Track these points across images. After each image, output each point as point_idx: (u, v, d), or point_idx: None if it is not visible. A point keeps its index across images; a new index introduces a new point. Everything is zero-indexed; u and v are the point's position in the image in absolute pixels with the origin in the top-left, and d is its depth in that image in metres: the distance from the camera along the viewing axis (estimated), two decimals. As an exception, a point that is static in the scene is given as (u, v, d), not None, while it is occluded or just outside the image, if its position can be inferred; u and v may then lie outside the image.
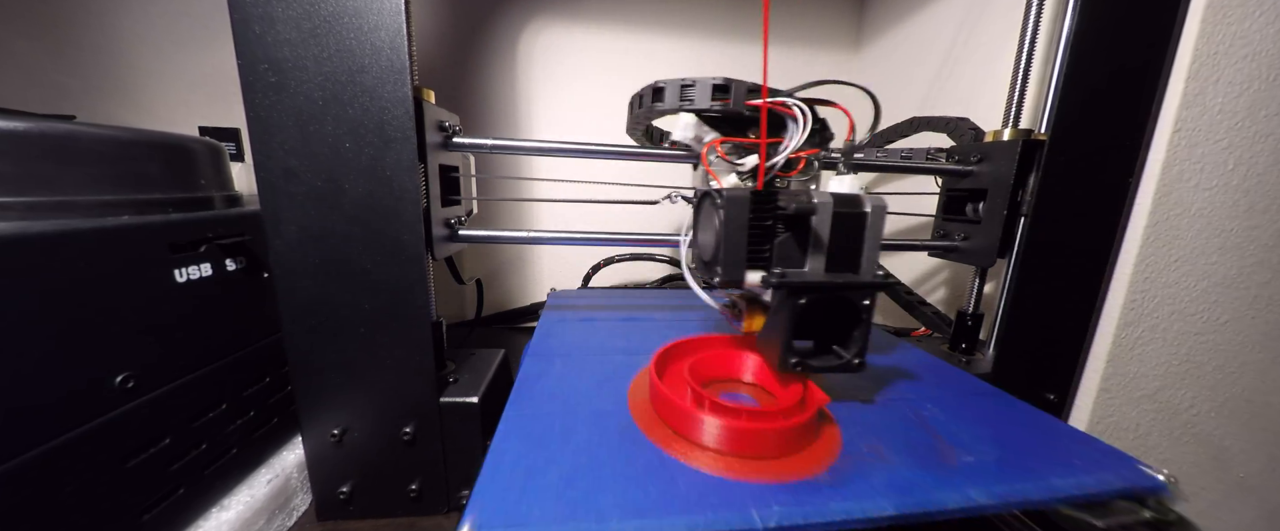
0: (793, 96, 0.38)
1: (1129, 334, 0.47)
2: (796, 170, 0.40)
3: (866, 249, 0.35)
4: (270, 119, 0.39)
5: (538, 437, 0.32)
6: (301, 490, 0.53)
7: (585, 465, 0.29)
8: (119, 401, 0.38)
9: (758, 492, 0.27)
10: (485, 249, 1.04)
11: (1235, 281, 0.48)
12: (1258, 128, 0.44)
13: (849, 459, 0.31)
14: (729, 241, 0.33)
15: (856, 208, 0.34)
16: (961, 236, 0.62)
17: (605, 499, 0.26)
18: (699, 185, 0.43)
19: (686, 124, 0.40)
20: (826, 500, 0.27)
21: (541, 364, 0.44)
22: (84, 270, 0.35)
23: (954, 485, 0.28)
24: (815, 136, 0.39)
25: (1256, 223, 0.47)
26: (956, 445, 0.33)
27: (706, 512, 0.25)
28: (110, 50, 0.83)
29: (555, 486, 0.27)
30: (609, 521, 0.25)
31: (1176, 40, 0.42)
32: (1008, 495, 0.28)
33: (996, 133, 0.57)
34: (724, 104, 0.38)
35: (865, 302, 0.34)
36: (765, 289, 0.35)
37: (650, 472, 0.29)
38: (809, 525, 0.25)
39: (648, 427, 0.34)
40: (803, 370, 0.34)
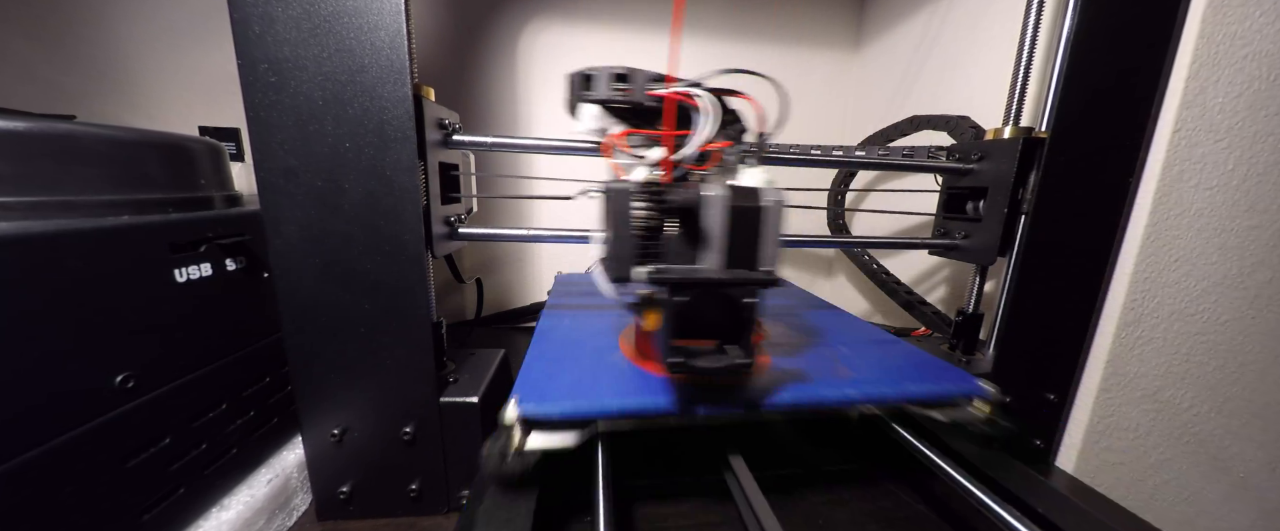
0: (699, 86, 0.37)
1: (1129, 333, 0.47)
2: (710, 164, 0.39)
3: (764, 244, 0.34)
4: (270, 118, 0.39)
5: (554, 359, 0.44)
6: (301, 490, 0.53)
7: (588, 374, 0.41)
8: (119, 401, 0.38)
9: (702, 392, 0.38)
10: (485, 247, 1.04)
11: (1236, 281, 0.48)
12: (1258, 127, 0.44)
13: (772, 375, 0.42)
14: (614, 235, 0.33)
15: (753, 201, 0.33)
16: (962, 235, 0.62)
17: (601, 389, 0.39)
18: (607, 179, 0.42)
19: (589, 115, 0.39)
20: (747, 395, 0.38)
21: (554, 321, 0.56)
22: (84, 270, 0.35)
23: (836, 388, 0.40)
24: (728, 128, 0.39)
25: (1257, 222, 0.47)
26: (850, 368, 0.45)
27: (668, 400, 0.37)
28: (110, 50, 0.83)
29: (567, 384, 0.39)
30: (603, 398, 0.37)
31: (1177, 40, 0.42)
32: (871, 393, 0.40)
33: (997, 131, 0.57)
34: (625, 94, 0.37)
35: (747, 300, 0.32)
36: (648, 285, 0.34)
37: (631, 377, 0.41)
38: (732, 409, 0.38)
39: (633, 358, 0.45)
40: (685, 372, 0.32)
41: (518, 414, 0.35)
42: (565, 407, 0.36)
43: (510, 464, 0.35)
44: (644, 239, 0.33)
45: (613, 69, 0.38)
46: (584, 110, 0.40)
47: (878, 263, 0.91)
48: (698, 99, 0.36)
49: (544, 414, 0.36)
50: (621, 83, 0.37)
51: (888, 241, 0.71)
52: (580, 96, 0.40)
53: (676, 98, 0.36)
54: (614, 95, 0.38)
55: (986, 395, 0.42)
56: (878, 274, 0.89)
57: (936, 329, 0.73)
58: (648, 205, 0.32)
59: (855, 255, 0.95)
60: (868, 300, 1.04)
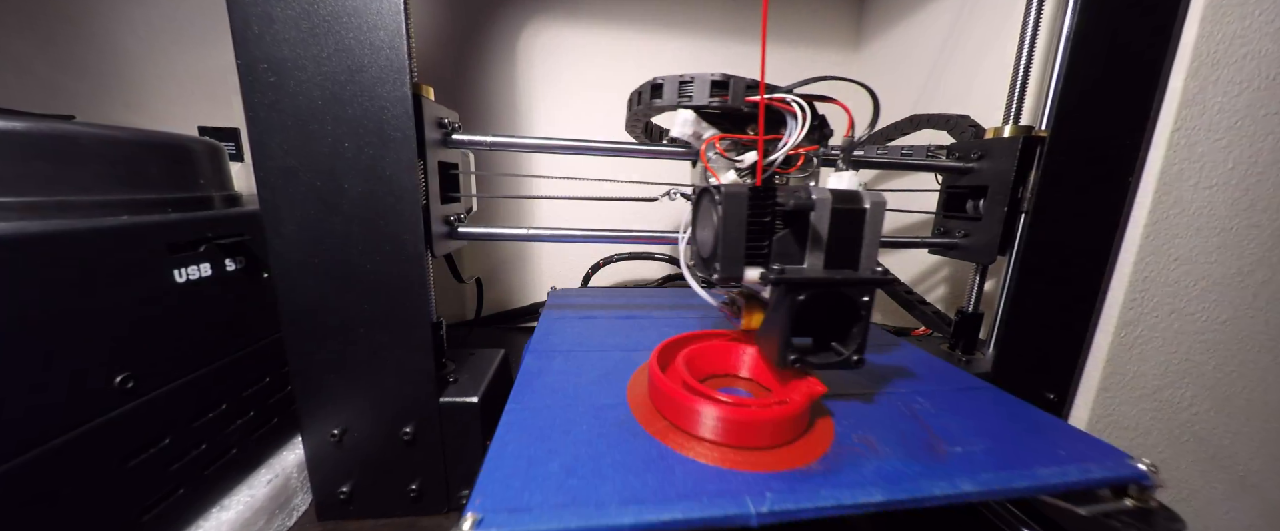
0: (791, 93, 0.38)
1: (1129, 332, 0.47)
2: (796, 167, 0.40)
3: (865, 245, 0.34)
4: (269, 118, 0.39)
5: (539, 430, 0.33)
6: (301, 490, 0.53)
7: (586, 456, 0.30)
8: (118, 402, 0.38)
9: (751, 481, 0.28)
10: (485, 247, 1.04)
11: (1235, 280, 0.48)
12: (1258, 126, 0.44)
13: (841, 449, 0.32)
14: (727, 238, 0.33)
15: (855, 203, 0.34)
16: (962, 234, 0.62)
17: (605, 487, 0.27)
18: (697, 182, 0.43)
19: (685, 121, 0.40)
20: (817, 488, 0.27)
21: (542, 361, 0.45)
22: (83, 270, 0.35)
23: (942, 474, 0.29)
24: (814, 133, 0.39)
25: (1257, 221, 0.47)
26: (945, 437, 0.34)
27: (702, 500, 0.26)
28: (109, 50, 0.83)
29: (556, 475, 0.28)
30: (608, 508, 0.25)
31: (1177, 38, 0.42)
32: (994, 484, 0.29)
33: (997, 130, 0.57)
34: (722, 100, 0.38)
35: (864, 299, 0.33)
36: (763, 285, 0.34)
37: (648, 463, 0.30)
38: (800, 510, 0.26)
39: (646, 420, 0.34)
40: (801, 366, 0.34)
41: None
42: (551, 526, 0.24)
43: None
44: (754, 240, 0.33)
45: (710, 76, 0.39)
46: (681, 115, 0.40)
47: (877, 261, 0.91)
48: (792, 104, 0.37)
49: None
50: (720, 89, 0.38)
51: (888, 240, 0.70)
52: (651, 106, 0.41)
53: (772, 103, 0.37)
54: (711, 101, 0.38)
55: (1147, 481, 0.31)
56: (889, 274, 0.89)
57: (936, 328, 0.73)
58: (759, 208, 0.33)
59: (855, 254, 0.95)
60: (867, 299, 1.04)
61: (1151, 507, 0.31)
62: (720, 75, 0.38)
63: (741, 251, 0.33)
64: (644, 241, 0.57)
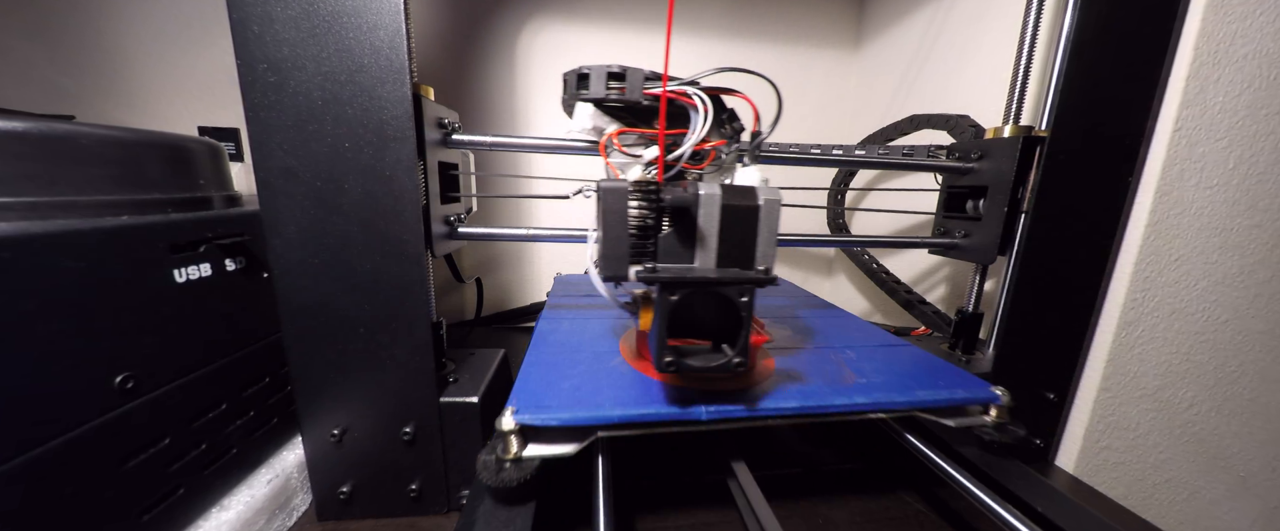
0: (694, 85, 0.36)
1: (1129, 332, 0.47)
2: (706, 163, 0.39)
3: (760, 243, 0.33)
4: (269, 118, 0.39)
5: (553, 366, 0.43)
6: (301, 490, 0.53)
7: (587, 380, 0.41)
8: (118, 402, 0.38)
9: (705, 395, 0.38)
10: (485, 247, 1.04)
11: (1235, 280, 0.48)
12: (1258, 126, 0.44)
13: (776, 379, 0.42)
14: (609, 234, 0.32)
15: (748, 200, 0.32)
16: (962, 234, 0.62)
17: (600, 396, 0.38)
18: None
19: (585, 114, 0.39)
20: (752, 400, 0.38)
21: (552, 324, 0.55)
22: (83, 270, 0.35)
23: (844, 394, 0.40)
24: (723, 127, 0.38)
25: (1257, 221, 0.47)
26: (857, 373, 0.44)
27: (669, 406, 0.37)
28: (109, 50, 0.83)
29: (567, 391, 0.39)
30: (603, 408, 0.36)
31: (1177, 38, 0.42)
32: (881, 400, 0.39)
33: (997, 130, 0.57)
34: (620, 93, 0.37)
35: (743, 299, 0.32)
36: (641, 284, 0.33)
37: (632, 383, 0.40)
38: (735, 411, 0.37)
39: (633, 361, 0.45)
40: (677, 371, 0.32)
41: (515, 423, 0.35)
42: (563, 416, 0.35)
43: (507, 472, 0.34)
44: (639, 238, 0.32)
45: (608, 67, 0.37)
46: (579, 109, 0.39)
47: (877, 262, 0.91)
48: (693, 97, 0.36)
49: (542, 422, 0.35)
50: (616, 81, 0.37)
51: (888, 240, 0.70)
52: (576, 95, 0.39)
53: (671, 96, 0.36)
54: (609, 94, 0.37)
55: (998, 401, 0.41)
56: (877, 273, 0.89)
57: (936, 328, 0.73)
58: (642, 204, 0.32)
59: (855, 254, 0.95)
60: (867, 299, 1.04)
61: (1005, 423, 0.42)
62: (619, 67, 0.37)
63: (625, 249, 0.32)
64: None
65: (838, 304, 0.71)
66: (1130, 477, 0.52)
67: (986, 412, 0.42)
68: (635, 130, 0.39)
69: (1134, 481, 0.52)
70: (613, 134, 0.39)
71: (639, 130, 0.39)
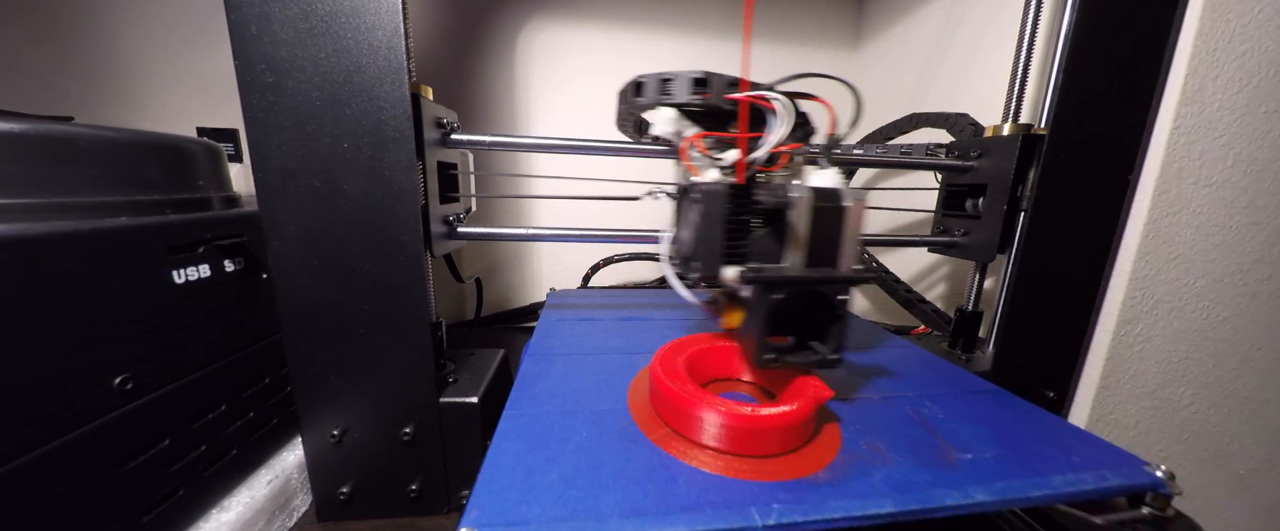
0: (773, 90, 0.37)
1: (1129, 330, 0.47)
2: (779, 165, 0.39)
3: (845, 243, 0.34)
4: (268, 119, 0.39)
5: (537, 437, 0.32)
6: (301, 491, 0.53)
7: (585, 464, 0.29)
8: (118, 403, 0.38)
9: (757, 491, 0.27)
10: (484, 247, 1.04)
11: (1234, 278, 0.48)
12: (1257, 124, 0.44)
13: (849, 456, 0.31)
14: (706, 235, 0.33)
15: (835, 201, 0.33)
16: (961, 232, 0.62)
17: (605, 498, 0.26)
18: (681, 181, 0.43)
19: (666, 118, 0.40)
20: (825, 498, 0.27)
21: (541, 364, 0.44)
22: (82, 272, 0.35)
23: (954, 483, 0.28)
24: (797, 131, 0.39)
25: (1256, 219, 0.47)
26: (956, 443, 0.33)
27: (706, 512, 0.25)
28: (107, 51, 0.83)
29: (555, 486, 0.27)
30: (609, 521, 0.25)
31: (1176, 36, 0.42)
32: (1007, 493, 0.28)
33: (996, 128, 0.57)
34: (704, 98, 0.38)
35: (841, 297, 0.32)
36: (742, 284, 0.34)
37: (650, 472, 0.29)
38: (808, 522, 0.25)
39: (647, 427, 0.34)
40: (778, 365, 0.33)
41: None
42: None
43: None
44: (732, 238, 0.33)
45: (691, 73, 0.38)
46: (662, 113, 0.40)
47: (877, 260, 0.91)
48: (773, 102, 0.37)
49: None
50: (700, 87, 0.38)
51: (887, 239, 0.70)
52: (658, 100, 0.40)
53: (753, 101, 0.37)
54: (692, 98, 0.38)
55: (1163, 489, 0.30)
56: (877, 271, 0.89)
57: (936, 327, 0.73)
58: (737, 206, 0.33)
59: (855, 253, 0.95)
60: (867, 298, 1.04)
61: (1169, 515, 0.30)
62: (701, 72, 0.37)
63: (720, 249, 0.33)
64: (642, 241, 0.57)
65: (837, 303, 0.71)
66: (1130, 475, 0.52)
67: (1143, 503, 0.31)
68: (715, 133, 0.40)
69: (1133, 479, 0.52)
70: (695, 137, 0.39)
71: (718, 133, 0.40)
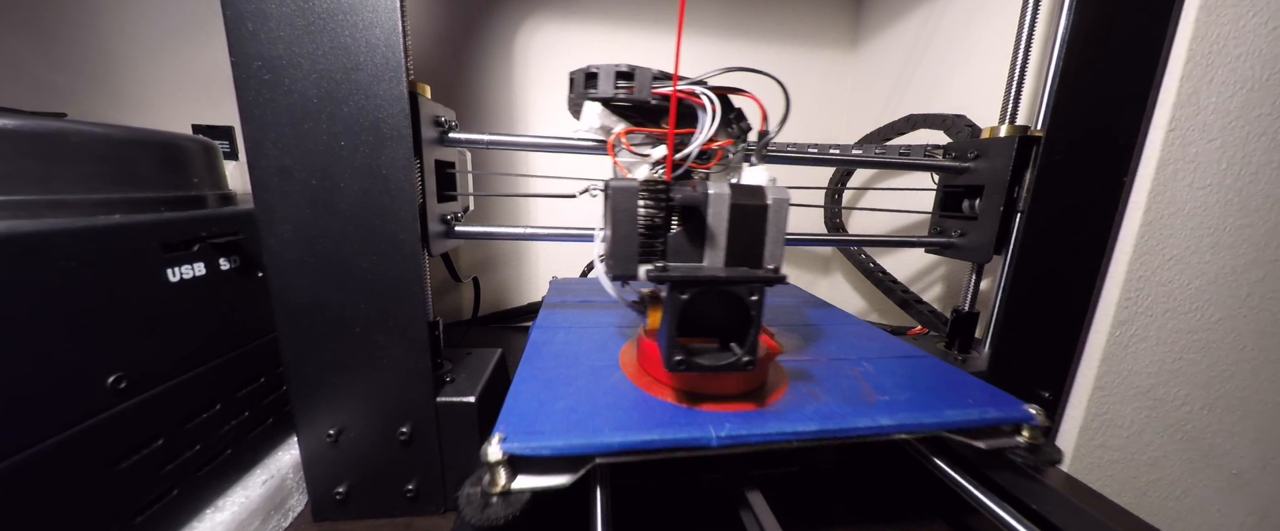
0: (702, 85, 0.37)
1: (1123, 331, 0.48)
2: (713, 162, 0.39)
3: (768, 242, 0.34)
4: (264, 116, 0.39)
5: (546, 383, 0.39)
6: (297, 491, 0.53)
7: (584, 400, 0.37)
8: (111, 402, 0.37)
9: (715, 417, 0.35)
10: (482, 247, 1.04)
11: (1228, 280, 0.48)
12: (1250, 127, 0.45)
13: (791, 398, 0.38)
14: (618, 233, 0.32)
15: (757, 199, 0.33)
16: (958, 233, 0.63)
17: (599, 420, 0.34)
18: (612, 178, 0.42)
19: (593, 113, 0.39)
20: (766, 422, 0.34)
21: (547, 335, 0.51)
22: (75, 270, 0.35)
23: (867, 414, 0.36)
24: (731, 127, 0.38)
25: (1249, 221, 0.47)
26: (877, 389, 0.41)
27: (674, 429, 0.33)
28: (102, 46, 0.82)
29: (561, 413, 0.35)
30: (601, 433, 0.32)
31: (1171, 39, 0.42)
32: (907, 420, 0.36)
33: (993, 129, 0.58)
34: (628, 91, 0.37)
35: (753, 298, 0.32)
36: (651, 283, 0.33)
37: (634, 405, 0.36)
38: (750, 435, 0.33)
39: (634, 377, 0.41)
40: (687, 368, 0.33)
41: (502, 452, 0.31)
42: (557, 444, 0.31)
43: (494, 508, 0.31)
44: (648, 237, 0.33)
45: (616, 67, 0.37)
46: (587, 108, 0.39)
47: (874, 261, 0.92)
48: (701, 97, 0.36)
49: (533, 451, 0.31)
50: (625, 81, 0.37)
51: (884, 240, 0.71)
52: (583, 94, 0.39)
53: (680, 96, 0.36)
54: (617, 93, 0.37)
55: (1032, 420, 0.38)
56: (874, 272, 0.89)
57: (932, 327, 0.73)
58: (651, 203, 0.32)
59: (852, 253, 0.96)
60: (864, 298, 1.04)
61: (1040, 443, 0.38)
62: (627, 66, 0.37)
63: (634, 248, 0.33)
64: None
65: (835, 303, 0.71)
66: (1124, 475, 0.52)
67: (1019, 433, 0.39)
68: (643, 129, 0.39)
69: (1128, 479, 0.52)
70: (621, 133, 0.39)
71: (646, 129, 0.39)
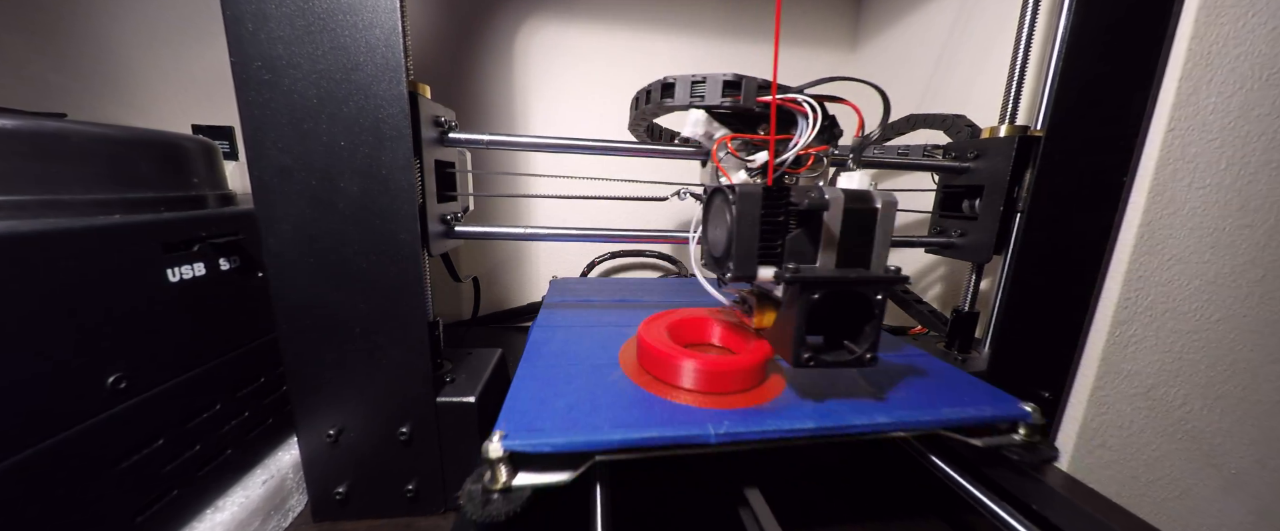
0: (802, 93, 0.38)
1: (1123, 331, 0.48)
2: (806, 167, 0.40)
3: (877, 244, 0.35)
4: (264, 117, 0.39)
5: (546, 381, 0.40)
6: (297, 491, 0.53)
7: (584, 397, 0.37)
8: (111, 402, 0.37)
9: (713, 415, 0.36)
10: (482, 247, 1.04)
11: (1227, 280, 0.48)
12: (1250, 127, 0.45)
13: (790, 395, 0.39)
14: (741, 237, 0.33)
15: (867, 203, 0.34)
16: (958, 233, 0.63)
17: (599, 417, 0.35)
18: (707, 182, 0.43)
19: (696, 120, 0.40)
20: (764, 419, 0.35)
21: (547, 333, 0.52)
22: (75, 270, 0.35)
23: (864, 412, 0.37)
24: (824, 133, 0.39)
25: (1248, 221, 0.47)
26: (875, 387, 0.41)
27: (673, 426, 0.34)
28: (102, 47, 0.82)
29: (561, 410, 0.35)
30: (600, 431, 0.33)
31: (1170, 39, 0.42)
32: (903, 418, 0.36)
33: (993, 129, 0.58)
34: (734, 100, 0.38)
35: (877, 298, 0.33)
36: (777, 284, 0.34)
37: (633, 403, 0.37)
38: (749, 433, 0.34)
39: (633, 375, 0.42)
40: (815, 365, 0.34)
41: (504, 449, 0.32)
42: (557, 441, 0.32)
43: (495, 504, 0.32)
44: (768, 239, 0.34)
45: (722, 76, 0.39)
46: (693, 115, 0.40)
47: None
48: (803, 104, 0.37)
49: (534, 448, 0.32)
50: (732, 90, 0.38)
51: (884, 240, 0.71)
52: (690, 101, 0.40)
53: (783, 103, 0.37)
54: (722, 101, 0.38)
55: (1028, 418, 0.39)
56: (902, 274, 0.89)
57: (932, 327, 0.73)
58: (772, 207, 0.33)
59: (852, 254, 0.95)
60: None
61: (1036, 441, 0.39)
62: (732, 75, 0.38)
63: (755, 250, 0.33)
64: (641, 240, 0.57)
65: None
66: (1124, 475, 0.52)
67: (1015, 430, 0.39)
68: (743, 136, 0.41)
69: (1127, 479, 0.52)
70: (726, 138, 0.40)
71: (746, 136, 0.41)
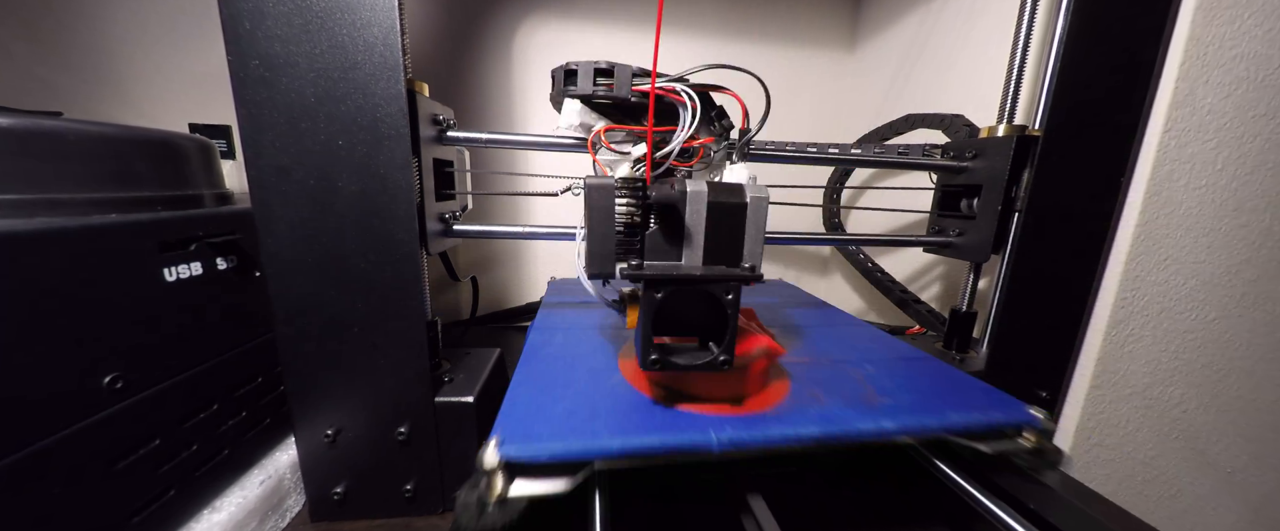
0: (682, 82, 0.36)
1: (1119, 331, 0.48)
2: (696, 160, 0.38)
3: (747, 241, 0.33)
4: (262, 116, 0.39)
5: (544, 386, 0.39)
6: (295, 491, 0.52)
7: (582, 403, 0.36)
8: (107, 402, 0.37)
9: (716, 422, 0.34)
10: (481, 247, 1.03)
11: (1223, 280, 0.49)
12: (1246, 128, 0.45)
13: (793, 400, 0.38)
14: (595, 232, 0.32)
15: (735, 197, 0.32)
16: (956, 232, 0.63)
17: (598, 423, 0.33)
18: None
19: (572, 111, 0.39)
20: (768, 426, 0.34)
21: (545, 335, 0.50)
22: (71, 269, 0.35)
23: (870, 417, 0.35)
24: (713, 124, 0.38)
25: (1244, 221, 0.47)
26: (880, 392, 0.40)
27: (674, 433, 0.32)
28: (98, 44, 0.82)
29: (559, 416, 0.34)
30: (600, 438, 0.32)
31: (1167, 40, 0.42)
32: (909, 424, 0.36)
33: (991, 129, 0.58)
34: (608, 88, 0.37)
35: (728, 296, 0.32)
36: (626, 281, 0.33)
37: (633, 408, 0.36)
38: (753, 439, 0.33)
39: (633, 379, 0.40)
40: (662, 367, 0.32)
41: (499, 458, 0.30)
42: (555, 448, 0.31)
43: (490, 515, 0.30)
44: (625, 235, 0.32)
45: (595, 64, 0.37)
46: (567, 106, 0.39)
47: (872, 260, 0.92)
48: (681, 94, 0.36)
49: (530, 456, 0.31)
50: (604, 78, 0.37)
51: (883, 239, 0.71)
52: (563, 92, 0.39)
53: (660, 93, 0.36)
54: (597, 90, 0.37)
55: (1036, 423, 0.38)
56: (872, 271, 0.90)
57: (930, 327, 0.73)
58: (629, 201, 0.32)
59: (850, 253, 0.96)
60: (862, 298, 1.04)
61: (1043, 446, 0.38)
62: (606, 63, 0.36)
63: (611, 246, 0.32)
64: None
65: (833, 302, 0.71)
66: (1120, 474, 0.52)
67: (1021, 435, 0.38)
68: (623, 127, 0.39)
69: (1124, 478, 0.53)
70: (600, 131, 0.39)
71: (627, 127, 0.39)
